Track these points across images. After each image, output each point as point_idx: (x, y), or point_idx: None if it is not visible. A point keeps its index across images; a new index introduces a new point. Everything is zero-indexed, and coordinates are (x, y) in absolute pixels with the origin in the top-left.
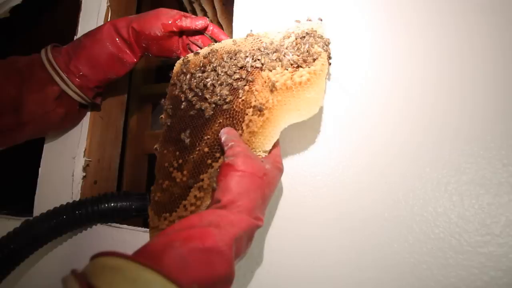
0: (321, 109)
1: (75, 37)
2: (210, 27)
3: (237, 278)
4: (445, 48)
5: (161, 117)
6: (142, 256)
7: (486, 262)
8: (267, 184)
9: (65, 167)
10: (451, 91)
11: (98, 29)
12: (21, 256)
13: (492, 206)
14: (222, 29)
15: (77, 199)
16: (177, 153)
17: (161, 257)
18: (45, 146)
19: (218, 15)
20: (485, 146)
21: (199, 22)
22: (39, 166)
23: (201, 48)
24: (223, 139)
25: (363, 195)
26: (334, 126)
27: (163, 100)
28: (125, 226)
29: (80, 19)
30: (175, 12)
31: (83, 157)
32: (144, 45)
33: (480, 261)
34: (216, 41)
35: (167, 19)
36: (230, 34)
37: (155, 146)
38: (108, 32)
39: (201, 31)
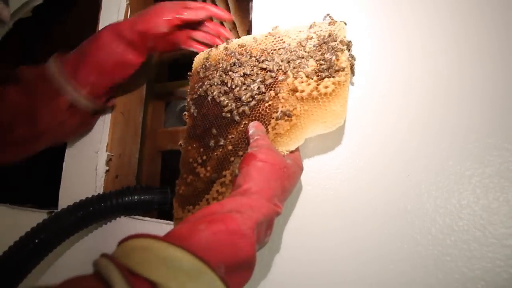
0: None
1: None
2: (213, 9)
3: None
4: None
5: (185, 114)
6: (170, 238)
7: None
8: (287, 177)
9: (89, 161)
10: (473, 82)
11: (99, 35)
12: (50, 247)
13: None
14: (236, 27)
15: (101, 192)
16: (201, 149)
17: (188, 239)
18: (69, 140)
19: (232, 13)
20: (509, 138)
21: (201, 12)
22: (63, 161)
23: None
24: (250, 132)
25: (385, 189)
26: (354, 123)
27: (187, 97)
28: (147, 218)
29: (101, 18)
30: (175, 4)
31: (106, 151)
32: (150, 44)
33: (506, 254)
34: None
35: (169, 13)
36: (242, 32)
37: (179, 142)
38: (111, 37)
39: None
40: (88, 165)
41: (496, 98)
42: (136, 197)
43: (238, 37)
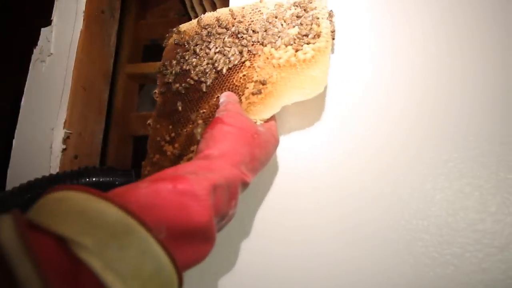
0: (324, 95)
1: (55, 1)
2: None
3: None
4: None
5: (155, 92)
6: (105, 194)
7: (481, 239)
8: (257, 144)
9: (43, 138)
10: (446, 66)
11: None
12: None
13: (489, 184)
14: (215, 6)
15: (55, 173)
16: (170, 127)
17: (123, 195)
18: (20, 115)
19: None
20: (485, 125)
21: None
22: (13, 138)
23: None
24: (221, 100)
25: (361, 173)
26: (333, 107)
27: (157, 72)
28: None
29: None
30: None
31: (63, 128)
32: None
33: (475, 238)
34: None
35: None
36: (221, 5)
37: (148, 122)
38: None
39: None
40: (42, 143)
41: (474, 86)
42: (94, 179)
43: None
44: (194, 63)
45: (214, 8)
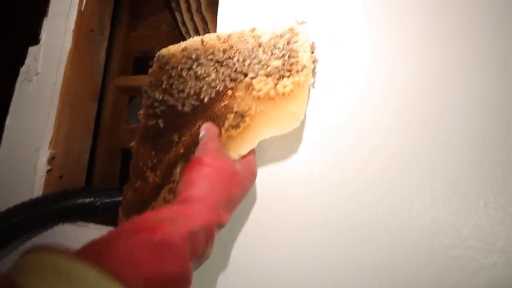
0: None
1: (44, 19)
2: None
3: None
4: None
5: (139, 113)
6: (84, 251)
7: (455, 265)
8: (235, 184)
9: (28, 159)
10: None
11: None
12: None
13: (462, 210)
14: (206, 23)
15: (39, 195)
16: (153, 152)
17: (103, 251)
18: (4, 135)
19: (202, 9)
20: (458, 152)
21: None
22: None
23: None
24: (201, 134)
25: (340, 196)
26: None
27: (143, 91)
28: (92, 224)
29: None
30: None
31: (48, 149)
32: None
33: (448, 264)
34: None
35: None
36: (214, 27)
37: (131, 144)
38: None
39: None
40: (26, 164)
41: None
42: (75, 201)
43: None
44: (179, 88)
45: (205, 24)
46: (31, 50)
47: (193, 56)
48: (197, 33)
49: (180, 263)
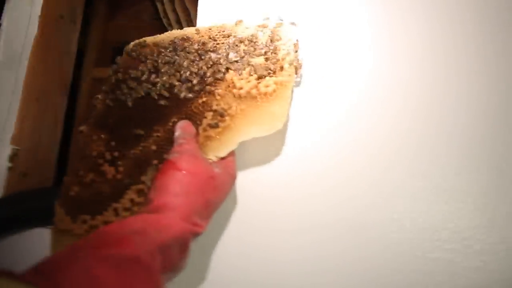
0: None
1: (6, 2)
2: None
3: None
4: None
5: (97, 97)
6: (35, 273)
7: (434, 267)
8: (212, 189)
9: None
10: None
11: None
12: None
13: (443, 213)
14: (189, 14)
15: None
16: (113, 143)
17: (58, 274)
18: None
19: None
20: (438, 154)
21: None
22: None
23: None
24: (176, 133)
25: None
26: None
27: (107, 77)
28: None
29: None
30: None
31: (10, 144)
32: None
33: (428, 267)
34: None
35: None
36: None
37: (80, 128)
38: None
39: None
40: None
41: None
42: (31, 204)
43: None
44: (151, 80)
45: (187, 16)
46: None
47: (170, 48)
48: (180, 24)
49: (149, 281)
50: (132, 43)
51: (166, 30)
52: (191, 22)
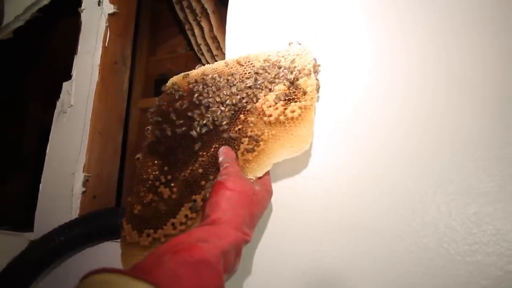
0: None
1: (75, 57)
2: None
3: None
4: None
5: (148, 128)
6: (134, 271)
7: (474, 271)
8: (256, 204)
9: (65, 183)
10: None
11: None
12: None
13: (479, 215)
14: (219, 44)
15: (77, 215)
16: (166, 168)
17: (152, 270)
18: (45, 162)
19: (214, 30)
20: (471, 157)
21: None
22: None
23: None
24: (220, 159)
25: (351, 208)
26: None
27: (149, 111)
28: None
29: (80, 39)
30: None
31: (83, 172)
32: None
33: (468, 270)
34: None
35: None
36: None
37: (137, 156)
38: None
39: None
40: (64, 187)
41: (459, 118)
42: (99, 223)
43: (223, 53)
44: (193, 113)
45: (217, 43)
46: (65, 85)
47: (201, 84)
48: (211, 52)
49: (217, 279)
50: (167, 84)
51: (199, 60)
52: (221, 49)
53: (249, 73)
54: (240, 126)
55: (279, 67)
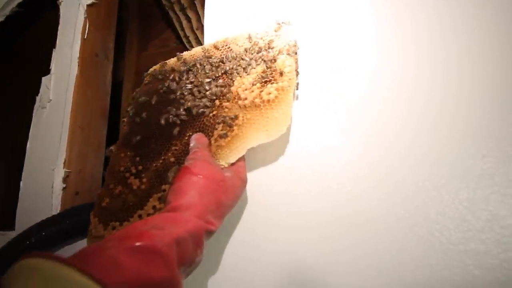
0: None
1: (54, 50)
2: None
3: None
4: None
5: (123, 120)
6: (73, 258)
7: (468, 260)
8: (223, 191)
9: (45, 179)
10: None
11: None
12: None
13: (473, 201)
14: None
15: (57, 211)
16: (137, 159)
17: (89, 257)
18: (26, 158)
19: (202, 21)
20: (463, 137)
21: None
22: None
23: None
24: (191, 144)
25: (343, 194)
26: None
27: (128, 104)
28: None
29: (59, 32)
30: None
31: (63, 168)
32: None
33: (462, 259)
34: None
35: None
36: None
37: (110, 147)
38: None
39: None
40: (45, 184)
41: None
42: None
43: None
44: (166, 100)
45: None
46: (44, 79)
47: (185, 67)
48: (200, 44)
49: (164, 268)
50: (145, 74)
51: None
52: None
53: (225, 57)
54: (215, 112)
55: (258, 50)
